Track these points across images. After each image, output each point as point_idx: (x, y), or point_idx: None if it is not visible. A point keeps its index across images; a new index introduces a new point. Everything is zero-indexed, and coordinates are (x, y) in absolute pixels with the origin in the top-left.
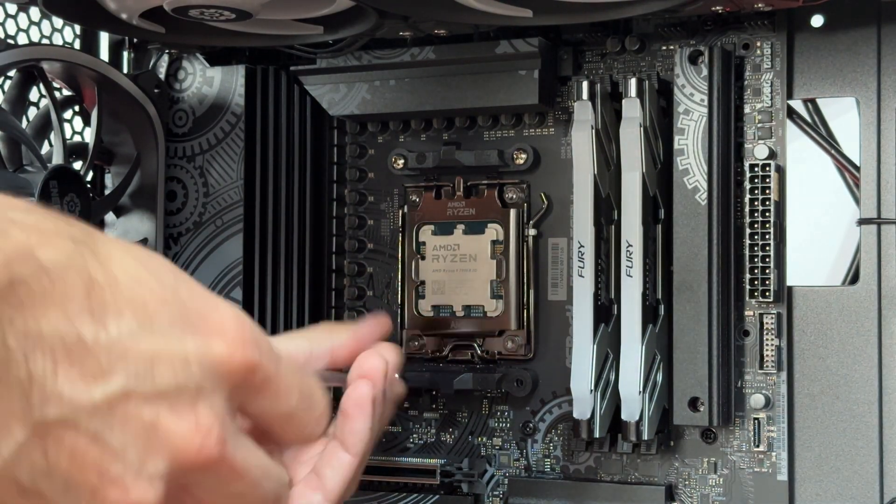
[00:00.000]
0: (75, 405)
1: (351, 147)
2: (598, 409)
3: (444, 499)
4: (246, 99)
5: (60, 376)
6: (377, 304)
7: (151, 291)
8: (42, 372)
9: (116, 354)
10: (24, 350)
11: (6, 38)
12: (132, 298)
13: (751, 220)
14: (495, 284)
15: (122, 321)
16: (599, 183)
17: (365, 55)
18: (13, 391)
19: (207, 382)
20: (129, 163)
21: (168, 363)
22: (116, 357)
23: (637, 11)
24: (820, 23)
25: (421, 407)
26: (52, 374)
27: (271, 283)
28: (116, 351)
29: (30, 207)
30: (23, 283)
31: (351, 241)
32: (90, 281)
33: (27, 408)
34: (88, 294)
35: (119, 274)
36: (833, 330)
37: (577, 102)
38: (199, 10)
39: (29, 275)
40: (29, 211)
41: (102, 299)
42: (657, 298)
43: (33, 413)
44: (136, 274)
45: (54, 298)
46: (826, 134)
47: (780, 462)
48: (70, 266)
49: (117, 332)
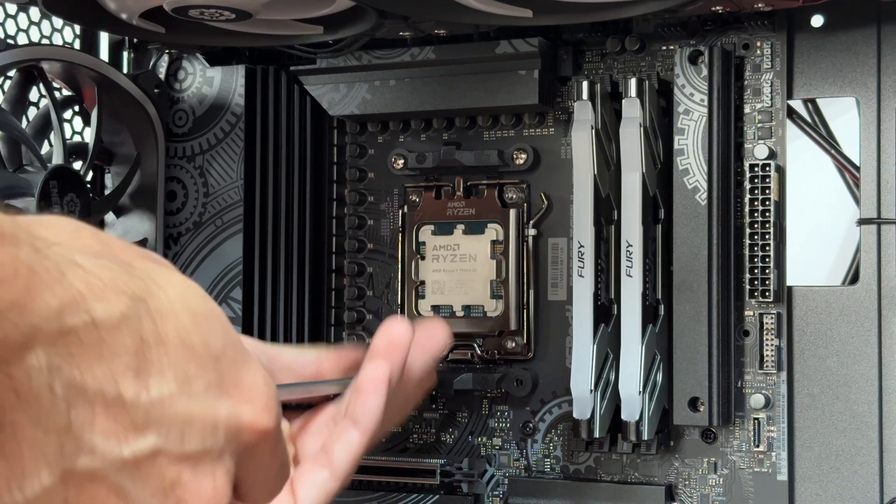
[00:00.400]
0: (106, 459)
1: (351, 147)
2: (598, 409)
3: (444, 499)
4: (246, 99)
5: (97, 429)
6: (377, 304)
7: (197, 357)
8: (80, 422)
9: (153, 415)
10: (68, 399)
11: (6, 38)
12: (177, 362)
13: (751, 220)
14: (495, 284)
15: (163, 383)
16: (599, 183)
17: (365, 55)
18: (50, 436)
19: (228, 445)
20: (129, 163)
21: (199, 427)
22: (152, 418)
23: (637, 11)
24: (820, 23)
25: (421, 407)
26: (89, 425)
27: (271, 283)
28: (153, 412)
29: (98, 250)
30: (73, 334)
31: (351, 241)
32: (140, 341)
33: (60, 455)
34: (136, 353)
35: (170, 334)
36: (833, 330)
37: (577, 102)
38: (199, 10)
39: (80, 327)
40: (96, 255)
41: (149, 359)
42: (657, 298)
43: (64, 461)
44: (186, 336)
45: (102, 353)
46: (826, 134)
47: (780, 462)
48: (122, 323)
49: (158, 393)
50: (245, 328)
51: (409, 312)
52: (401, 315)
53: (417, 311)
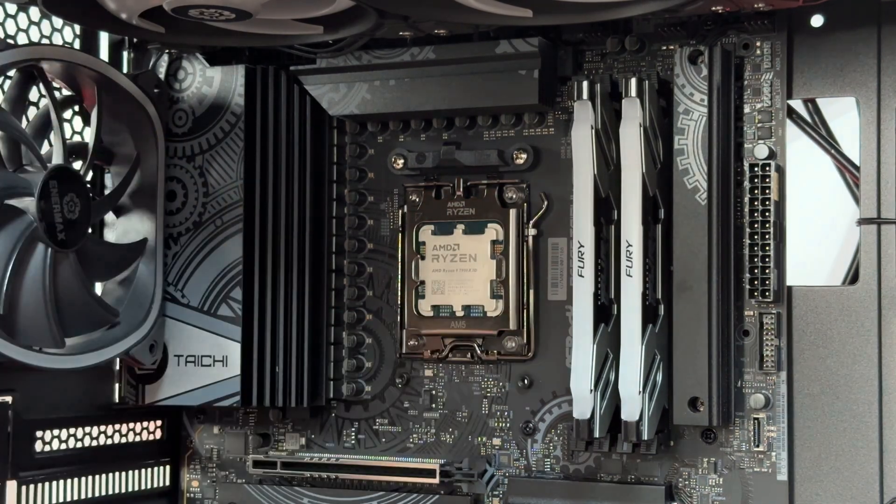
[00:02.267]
0: None
1: (351, 147)
2: (598, 409)
3: (444, 499)
4: (246, 99)
5: None
6: (377, 304)
7: None
8: None
9: None
10: None
11: (6, 38)
12: None
13: (751, 220)
14: (495, 284)
15: None
16: (599, 183)
17: (365, 55)
18: None
19: None
20: (128, 163)
21: None
22: None
23: (637, 11)
24: (820, 23)
25: (421, 407)
26: None
27: (271, 283)
28: None
29: None
30: None
31: (351, 241)
32: None
33: None
34: None
35: None
36: (833, 330)
37: (577, 102)
38: (199, 10)
39: None
40: None
41: None
42: (657, 298)
43: None
44: None
45: None
46: (826, 134)
47: (780, 462)
48: None
49: None
50: (245, 328)
51: (409, 312)
52: (400, 312)
53: (417, 311)
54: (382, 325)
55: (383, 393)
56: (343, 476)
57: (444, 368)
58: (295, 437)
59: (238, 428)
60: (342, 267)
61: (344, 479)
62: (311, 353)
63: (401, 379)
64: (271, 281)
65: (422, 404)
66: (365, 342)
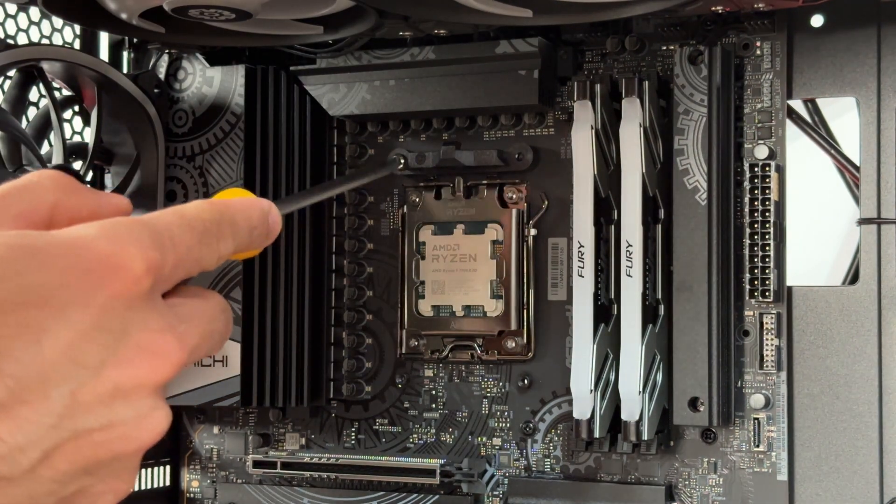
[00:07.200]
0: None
1: (351, 147)
2: (598, 409)
3: (444, 499)
4: (246, 99)
5: None
6: (377, 304)
7: None
8: None
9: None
10: None
11: (6, 38)
12: None
13: (751, 220)
14: (495, 284)
15: None
16: (599, 183)
17: (365, 55)
18: None
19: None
20: (128, 163)
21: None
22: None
23: (637, 11)
24: (820, 23)
25: (421, 407)
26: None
27: (271, 283)
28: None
29: None
30: None
31: (351, 241)
32: None
33: None
34: None
35: None
36: (833, 330)
37: (577, 102)
38: (199, 10)
39: None
40: None
41: None
42: (657, 298)
43: None
44: None
45: None
46: (826, 134)
47: (779, 462)
48: None
49: None
50: (245, 328)
51: (410, 312)
52: (400, 312)
53: (418, 311)
54: (382, 325)
55: (383, 393)
56: (343, 476)
57: (444, 368)
58: (295, 437)
59: (238, 428)
60: (342, 267)
61: (344, 479)
62: (311, 354)
63: (401, 379)
64: (271, 281)
65: (422, 404)
66: (365, 342)
